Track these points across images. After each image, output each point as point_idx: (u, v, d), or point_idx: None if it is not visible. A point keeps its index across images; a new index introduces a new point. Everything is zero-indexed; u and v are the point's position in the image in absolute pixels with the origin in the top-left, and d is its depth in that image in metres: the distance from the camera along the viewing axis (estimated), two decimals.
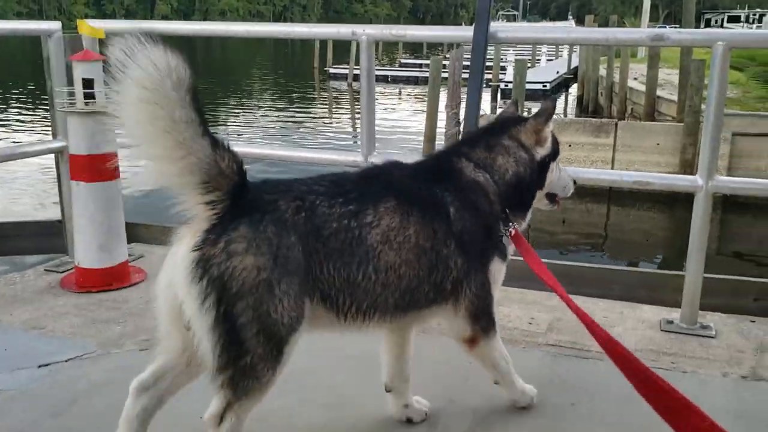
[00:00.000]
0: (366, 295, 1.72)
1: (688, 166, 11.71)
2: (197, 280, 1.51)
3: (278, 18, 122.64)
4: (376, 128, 3.14)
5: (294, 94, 28.95)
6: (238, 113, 23.58)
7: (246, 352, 1.56)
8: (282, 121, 21.38)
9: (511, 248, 2.02)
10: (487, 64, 3.05)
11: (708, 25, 65.84)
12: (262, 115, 23.01)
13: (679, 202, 9.95)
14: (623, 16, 50.41)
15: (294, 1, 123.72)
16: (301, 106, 25.77)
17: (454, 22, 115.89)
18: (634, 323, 2.96)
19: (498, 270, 1.98)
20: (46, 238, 4.07)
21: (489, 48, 2.83)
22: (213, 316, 1.52)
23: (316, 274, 1.65)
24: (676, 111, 13.36)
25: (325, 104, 27.32)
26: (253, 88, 32.01)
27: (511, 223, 1.96)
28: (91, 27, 3.28)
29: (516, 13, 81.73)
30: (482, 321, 1.96)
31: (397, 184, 1.82)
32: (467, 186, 1.90)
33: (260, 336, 1.56)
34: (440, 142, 14.54)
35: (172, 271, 1.57)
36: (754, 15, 68.68)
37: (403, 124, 20.33)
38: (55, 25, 3.48)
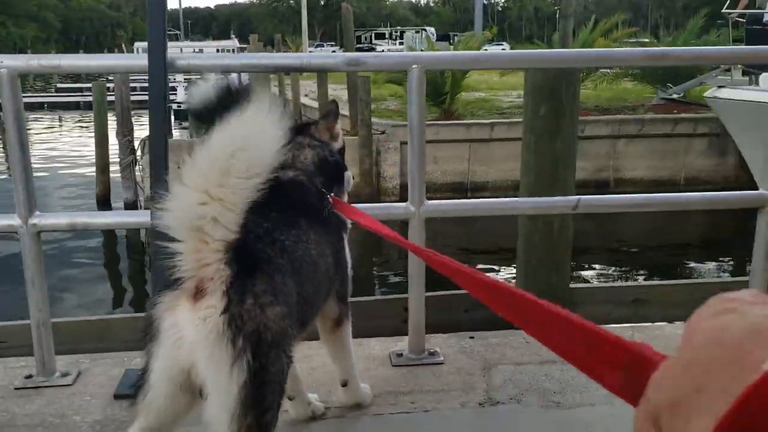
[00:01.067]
0: (313, 303, 1.87)
1: (367, 176, 12.41)
2: (230, 340, 1.48)
3: None
4: (38, 166, 2.50)
5: None
6: None
7: (273, 403, 1.60)
8: None
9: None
10: None
11: (359, 41, 72.14)
12: None
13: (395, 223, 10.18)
14: (284, 34, 52.59)
15: None
16: None
17: (112, 42, 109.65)
18: (366, 363, 2.77)
19: (347, 248, 2.18)
20: None
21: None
22: (246, 373, 1.50)
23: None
24: (350, 125, 14.09)
25: None
26: None
27: (329, 194, 2.05)
28: None
29: (178, 32, 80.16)
30: (345, 302, 2.19)
31: (290, 205, 1.90)
32: (307, 187, 2.02)
33: (283, 382, 1.64)
34: (115, 171, 13.37)
35: (181, 342, 1.51)
36: (396, 32, 77.52)
37: (71, 155, 18.37)
38: None
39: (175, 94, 26.12)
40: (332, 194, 2.06)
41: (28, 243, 2.45)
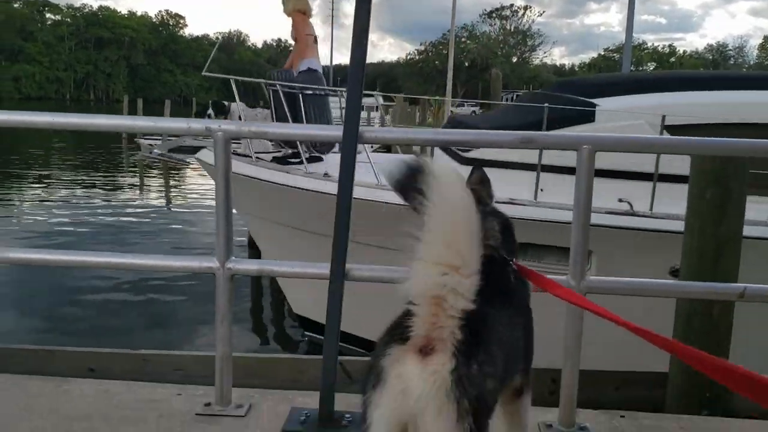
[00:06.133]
0: (507, 378, 1.86)
1: None
2: (456, 399, 1.50)
3: (80, 85, 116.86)
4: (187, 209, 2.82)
5: (98, 171, 26.65)
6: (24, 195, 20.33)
7: None
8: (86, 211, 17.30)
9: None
10: None
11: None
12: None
13: None
14: (426, 92, 54.08)
15: (98, 68, 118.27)
16: (108, 186, 23.58)
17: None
18: None
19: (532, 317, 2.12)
20: None
21: None
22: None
23: None
24: None
25: (135, 183, 24.95)
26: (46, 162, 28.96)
27: (512, 259, 2.06)
28: None
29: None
30: (528, 372, 2.09)
31: (492, 281, 1.80)
32: (503, 262, 2.02)
33: None
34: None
35: (408, 393, 1.52)
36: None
37: None
38: None
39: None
40: (513, 260, 2.06)
41: (222, 284, 2.76)
